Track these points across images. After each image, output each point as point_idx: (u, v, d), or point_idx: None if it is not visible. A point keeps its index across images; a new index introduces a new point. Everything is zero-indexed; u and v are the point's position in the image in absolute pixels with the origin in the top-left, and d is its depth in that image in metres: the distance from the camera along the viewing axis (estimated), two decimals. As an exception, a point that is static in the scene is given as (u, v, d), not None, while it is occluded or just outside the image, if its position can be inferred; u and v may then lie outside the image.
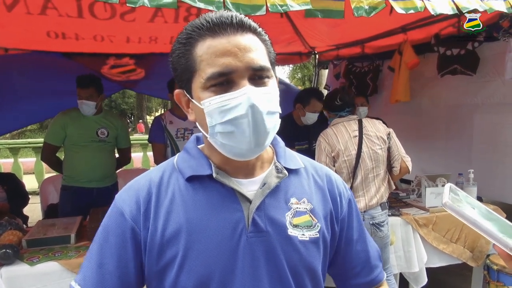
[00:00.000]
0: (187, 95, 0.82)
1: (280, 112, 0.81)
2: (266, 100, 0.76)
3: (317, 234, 0.86)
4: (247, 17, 0.79)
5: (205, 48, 0.76)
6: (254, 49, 0.77)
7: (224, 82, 0.75)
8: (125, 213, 0.82)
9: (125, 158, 3.49)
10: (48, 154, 3.17)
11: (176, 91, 0.85)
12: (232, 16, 0.77)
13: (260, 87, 0.77)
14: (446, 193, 0.67)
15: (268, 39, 0.82)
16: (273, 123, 0.79)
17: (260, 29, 0.80)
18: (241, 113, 0.74)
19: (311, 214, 0.87)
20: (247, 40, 0.77)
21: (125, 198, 0.84)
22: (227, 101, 0.75)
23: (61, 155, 3.24)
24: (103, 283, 0.80)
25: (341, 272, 0.98)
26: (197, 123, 0.83)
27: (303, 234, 0.84)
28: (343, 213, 0.94)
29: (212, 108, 0.76)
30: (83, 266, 0.83)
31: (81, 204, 2.97)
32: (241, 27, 0.77)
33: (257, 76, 0.77)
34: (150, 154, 7.94)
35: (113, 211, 0.84)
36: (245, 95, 0.74)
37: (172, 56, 0.82)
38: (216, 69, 0.74)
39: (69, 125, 3.01)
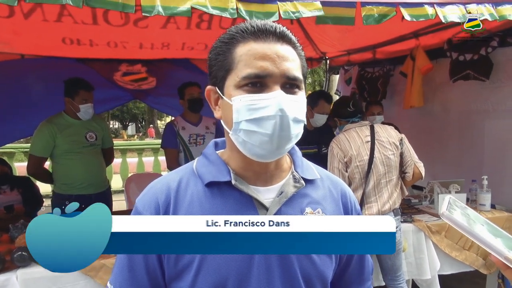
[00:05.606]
0: (219, 92, 0.84)
1: (305, 123, 0.84)
2: (294, 108, 0.79)
3: None
4: (289, 30, 0.83)
5: (246, 49, 0.80)
6: (291, 60, 0.81)
7: (257, 83, 0.79)
8: None
9: (110, 157, 3.47)
10: (36, 167, 3.01)
11: (208, 87, 0.88)
12: (276, 26, 0.81)
13: (290, 95, 0.80)
14: (444, 204, 0.70)
15: (303, 54, 0.86)
16: (297, 131, 0.82)
17: (298, 44, 0.85)
18: (269, 114, 0.77)
19: None
20: (285, 50, 0.81)
21: (145, 203, 0.86)
22: (258, 101, 0.78)
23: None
24: (138, 284, 0.84)
25: (335, 281, 0.98)
26: (221, 121, 0.86)
27: None
28: None
29: (242, 105, 0.78)
30: (115, 271, 0.87)
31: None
32: (282, 38, 0.81)
33: (289, 85, 0.80)
34: (161, 158, 8.06)
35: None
36: (276, 98, 0.77)
37: (211, 52, 0.86)
38: (253, 70, 0.78)
39: (58, 134, 2.91)
